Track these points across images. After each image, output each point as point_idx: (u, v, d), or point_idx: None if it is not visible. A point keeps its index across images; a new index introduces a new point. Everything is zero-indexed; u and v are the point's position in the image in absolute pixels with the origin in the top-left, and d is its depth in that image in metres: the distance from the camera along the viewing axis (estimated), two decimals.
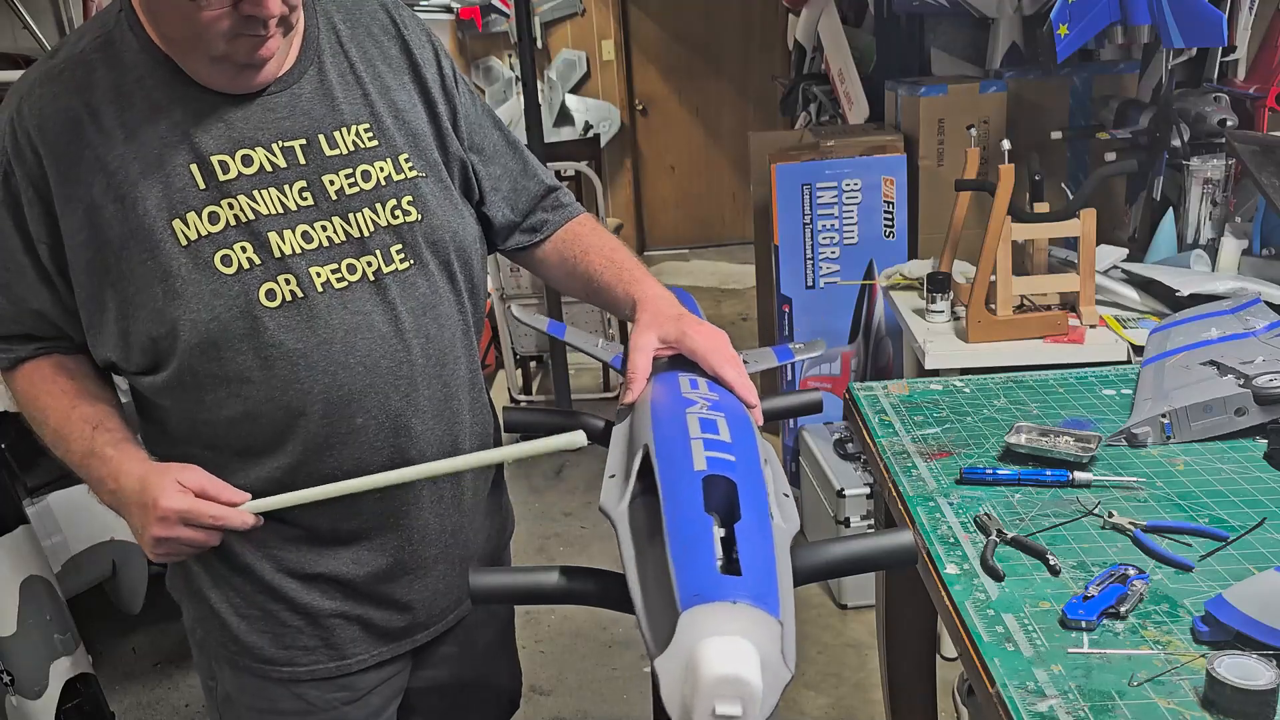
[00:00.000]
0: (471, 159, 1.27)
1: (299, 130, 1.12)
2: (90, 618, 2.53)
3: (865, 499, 2.79)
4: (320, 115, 1.14)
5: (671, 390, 1.05)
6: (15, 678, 2.14)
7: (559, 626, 2.89)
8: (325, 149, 1.13)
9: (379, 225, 1.14)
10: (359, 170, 1.14)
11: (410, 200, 1.16)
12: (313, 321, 1.10)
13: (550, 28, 6.92)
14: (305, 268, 1.10)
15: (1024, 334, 2.21)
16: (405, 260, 1.16)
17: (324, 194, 1.12)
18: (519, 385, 4.43)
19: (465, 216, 1.24)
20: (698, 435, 0.93)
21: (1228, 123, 2.31)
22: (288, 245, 1.09)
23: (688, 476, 0.86)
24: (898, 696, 1.86)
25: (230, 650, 1.25)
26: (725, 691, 0.69)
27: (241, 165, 1.09)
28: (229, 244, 1.07)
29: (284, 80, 1.12)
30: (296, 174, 1.11)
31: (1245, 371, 1.42)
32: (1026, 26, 3.17)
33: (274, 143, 1.11)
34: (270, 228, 1.09)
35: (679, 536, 0.80)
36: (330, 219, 1.12)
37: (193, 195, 1.07)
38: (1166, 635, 1.01)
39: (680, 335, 1.12)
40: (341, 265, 1.12)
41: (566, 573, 0.93)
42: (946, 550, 1.19)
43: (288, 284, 1.09)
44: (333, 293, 1.11)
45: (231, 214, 1.08)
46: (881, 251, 3.20)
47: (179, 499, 1.06)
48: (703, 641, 0.71)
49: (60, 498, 2.49)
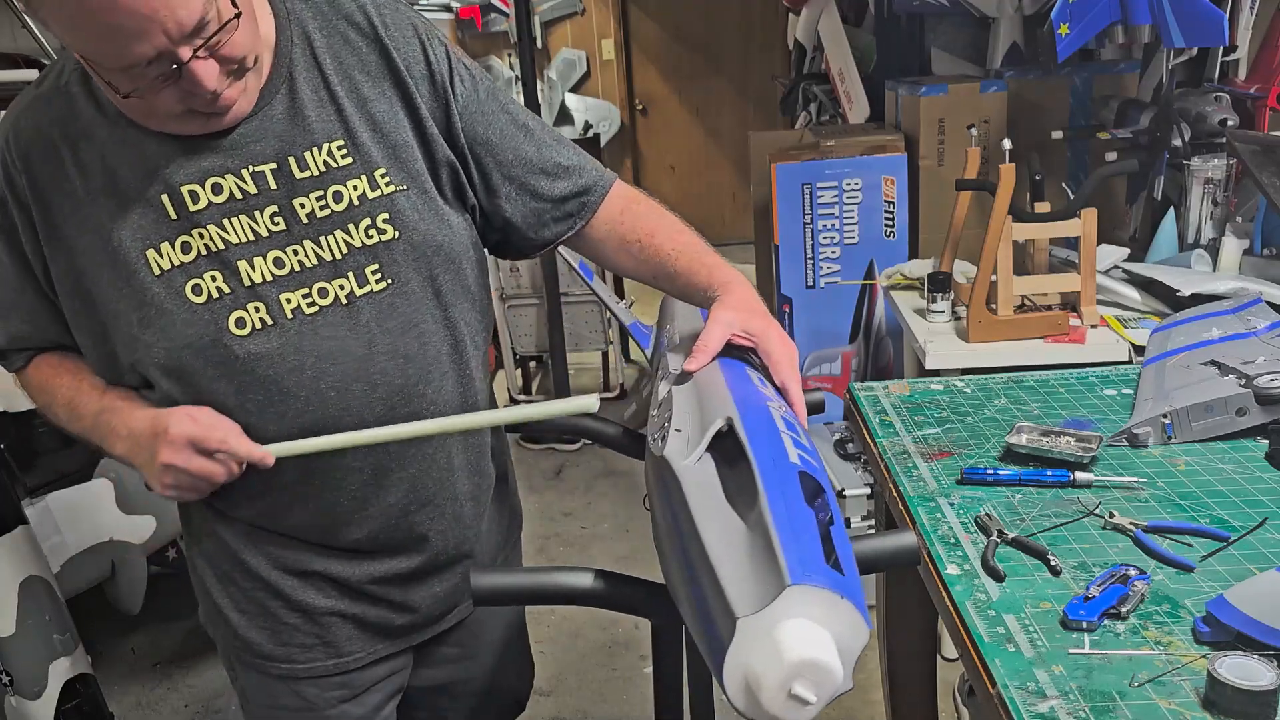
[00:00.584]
0: (476, 152, 1.22)
1: (269, 154, 1.10)
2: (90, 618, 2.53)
3: (866, 499, 2.78)
4: (291, 137, 1.11)
5: (743, 378, 1.06)
6: (14, 678, 2.14)
7: (559, 626, 2.89)
8: (296, 171, 1.11)
9: (352, 246, 1.12)
10: (330, 191, 1.12)
11: (386, 218, 1.13)
12: (283, 349, 1.10)
13: (550, 27, 6.92)
14: (276, 295, 1.09)
15: (1025, 334, 2.21)
16: (381, 280, 1.13)
17: (295, 218, 1.10)
18: (519, 385, 4.43)
19: (453, 225, 1.20)
20: (785, 431, 0.93)
21: (1228, 122, 2.31)
22: (258, 273, 1.09)
23: (784, 465, 0.86)
24: (898, 696, 1.86)
25: (235, 646, 1.26)
26: (810, 675, 0.69)
27: (211, 194, 1.08)
28: (199, 273, 1.08)
29: (250, 115, 1.10)
30: (267, 199, 1.10)
31: (1246, 371, 1.42)
32: (1027, 26, 3.17)
33: (244, 168, 1.09)
34: (240, 255, 1.09)
35: (786, 516, 0.79)
36: (301, 243, 1.11)
37: (165, 226, 1.08)
38: (1167, 636, 1.01)
39: (763, 333, 1.12)
40: (313, 290, 1.11)
41: (567, 573, 0.93)
42: (947, 550, 1.18)
43: (257, 312, 1.09)
44: (303, 319, 1.10)
45: (202, 243, 1.08)
46: (882, 251, 3.20)
47: (189, 425, 1.06)
48: (807, 620, 0.71)
49: (60, 498, 2.49)
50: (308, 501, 1.17)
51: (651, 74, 7.19)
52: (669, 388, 1.09)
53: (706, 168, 7.37)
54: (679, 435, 0.95)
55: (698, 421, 0.96)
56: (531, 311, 4.16)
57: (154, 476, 1.09)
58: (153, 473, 1.09)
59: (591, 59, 7.02)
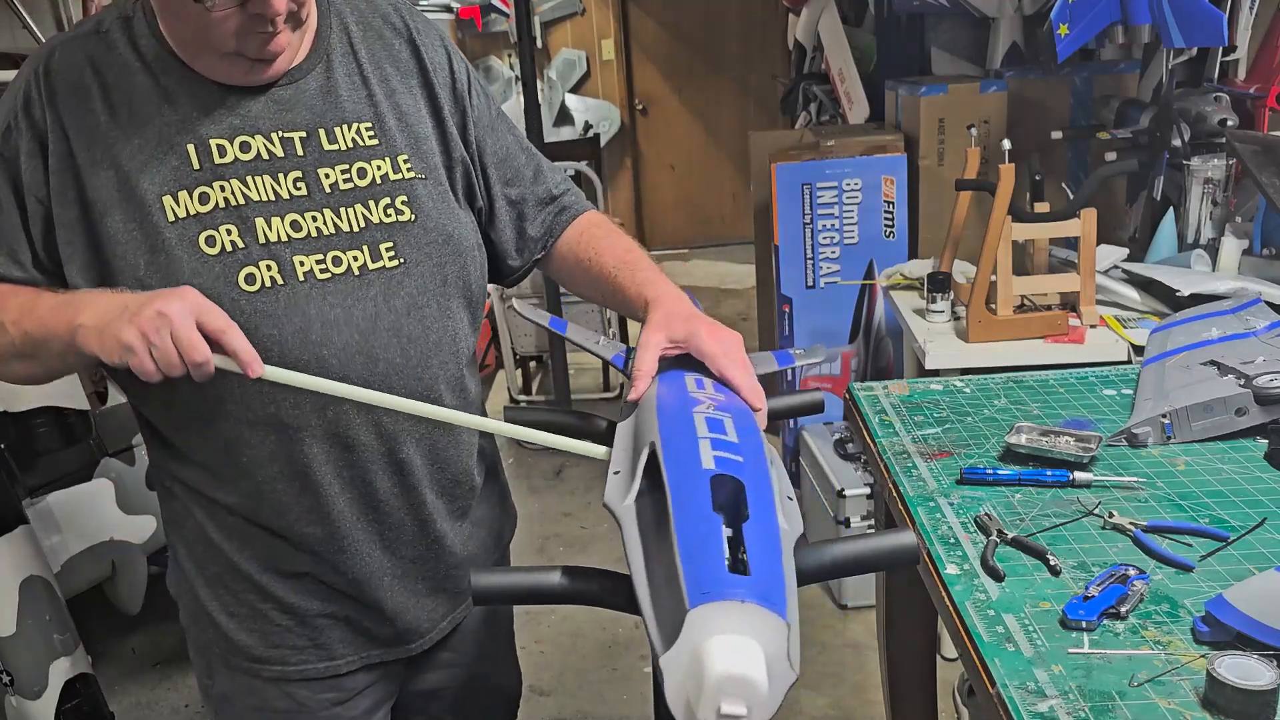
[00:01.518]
0: (483, 164, 1.28)
1: (300, 123, 1.14)
2: (90, 618, 2.53)
3: (865, 499, 2.78)
4: (323, 110, 1.15)
5: (678, 389, 1.05)
6: (15, 678, 2.14)
7: (559, 626, 2.89)
8: (324, 143, 1.14)
9: (370, 222, 1.15)
10: (355, 167, 1.15)
11: (405, 200, 1.17)
12: (290, 309, 1.10)
13: (550, 27, 6.92)
14: (289, 256, 1.10)
15: (1024, 334, 2.21)
16: (395, 259, 1.16)
17: (318, 186, 1.13)
18: (519, 385, 4.43)
19: (463, 221, 1.23)
20: (705, 434, 0.92)
21: (1228, 122, 2.31)
22: (274, 232, 1.10)
23: (696, 474, 0.86)
24: (898, 696, 1.86)
25: (223, 649, 1.25)
26: (731, 690, 0.69)
27: (239, 151, 1.11)
28: (215, 225, 1.08)
29: (292, 74, 1.14)
30: (293, 164, 1.13)
31: (1246, 371, 1.42)
32: (1027, 26, 3.17)
33: (274, 132, 1.12)
34: (259, 213, 1.10)
35: (687, 534, 0.80)
36: (321, 210, 1.13)
37: (186, 175, 1.09)
38: (1167, 635, 1.01)
39: (690, 335, 1.11)
40: (327, 257, 1.12)
41: (567, 573, 0.93)
42: (947, 550, 1.19)
43: (268, 269, 1.09)
44: (314, 283, 1.11)
45: (222, 196, 1.09)
46: (882, 251, 3.20)
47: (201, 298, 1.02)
48: (710, 639, 0.71)
49: (60, 498, 2.49)
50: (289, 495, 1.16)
51: (651, 74, 7.19)
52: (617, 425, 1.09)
53: (706, 168, 7.37)
54: (616, 478, 0.95)
55: (632, 457, 0.97)
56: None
57: (130, 324, 0.99)
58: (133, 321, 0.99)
59: (591, 59, 7.02)
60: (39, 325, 1.07)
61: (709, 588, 0.74)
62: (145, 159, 1.08)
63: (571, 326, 1.49)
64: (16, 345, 1.09)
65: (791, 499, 0.93)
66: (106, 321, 1.01)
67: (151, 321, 0.99)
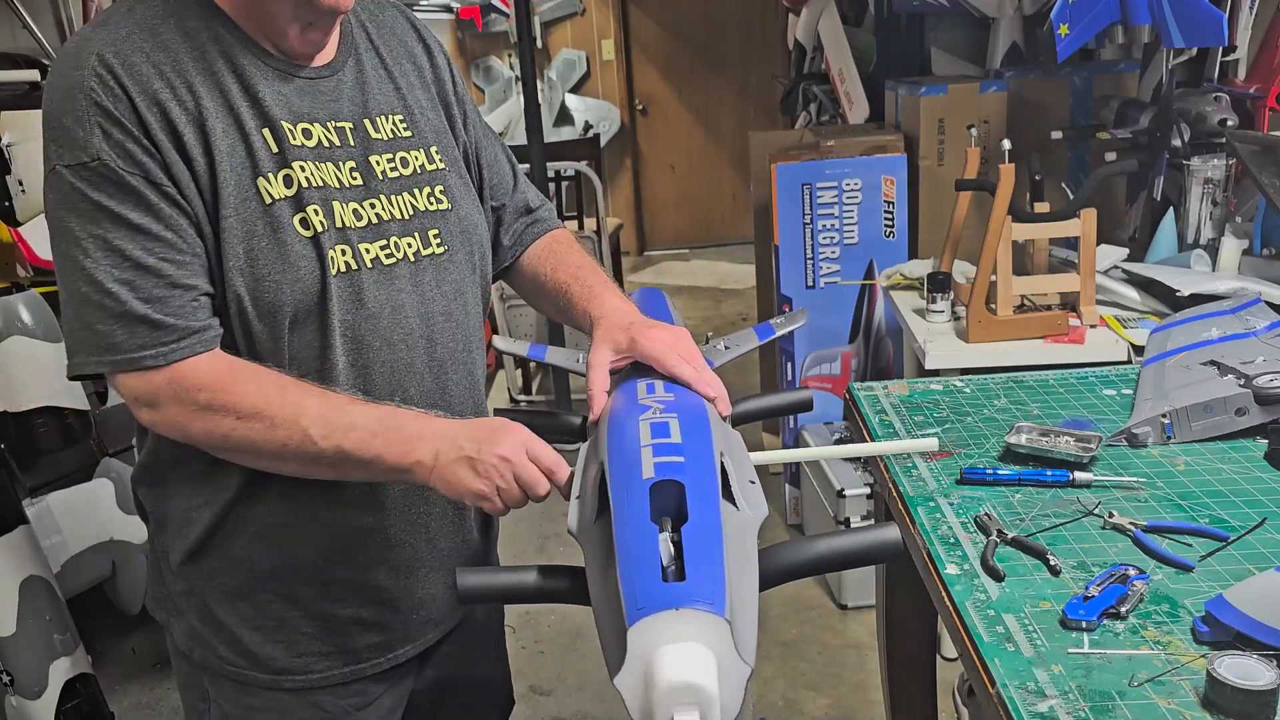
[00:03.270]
0: (478, 166, 1.33)
1: (345, 114, 1.15)
2: (90, 618, 2.53)
3: (865, 499, 2.79)
4: (361, 101, 1.17)
5: (629, 400, 1.05)
6: (15, 678, 2.15)
7: (559, 626, 2.89)
8: (370, 132, 1.17)
9: (417, 209, 1.18)
10: (398, 156, 1.18)
11: (442, 190, 1.21)
12: (362, 295, 1.11)
13: (550, 27, 6.93)
14: (356, 242, 1.11)
15: (1024, 334, 2.21)
16: (441, 245, 1.19)
17: (371, 174, 1.15)
18: (519, 385, 4.43)
19: (482, 213, 1.29)
20: (648, 442, 0.92)
21: (1228, 122, 2.31)
22: (343, 217, 1.11)
23: (635, 487, 0.86)
24: (898, 696, 1.86)
25: (238, 666, 1.21)
26: (680, 699, 0.70)
27: (303, 138, 1.11)
28: (303, 206, 1.08)
29: (329, 67, 1.16)
30: (346, 154, 1.14)
31: (1246, 371, 1.42)
32: (1027, 26, 3.17)
33: (328, 121, 1.13)
34: (334, 197, 1.11)
35: (625, 550, 0.80)
36: (377, 197, 1.15)
37: (267, 158, 1.07)
38: (1167, 635, 1.01)
39: (630, 343, 1.12)
40: (389, 242, 1.14)
41: (552, 571, 0.93)
42: (947, 550, 1.19)
43: (344, 254, 1.10)
44: (381, 269, 1.13)
45: (302, 177, 1.09)
46: (881, 251, 3.20)
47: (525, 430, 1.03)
48: (652, 653, 0.72)
49: (60, 498, 2.49)
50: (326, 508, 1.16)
51: (651, 74, 7.19)
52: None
53: (706, 168, 7.37)
54: (577, 503, 0.95)
55: (586, 482, 0.97)
56: (531, 312, 4.16)
57: (477, 474, 1.01)
58: (477, 470, 1.01)
59: (591, 59, 7.02)
60: (362, 446, 1.03)
61: (644, 601, 0.75)
62: (230, 143, 1.05)
63: (550, 350, 1.50)
64: (323, 456, 1.04)
65: (754, 483, 0.94)
66: (447, 464, 1.01)
67: (497, 469, 1.00)
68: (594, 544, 0.89)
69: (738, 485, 0.91)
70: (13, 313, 2.33)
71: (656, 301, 1.42)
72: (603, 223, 4.03)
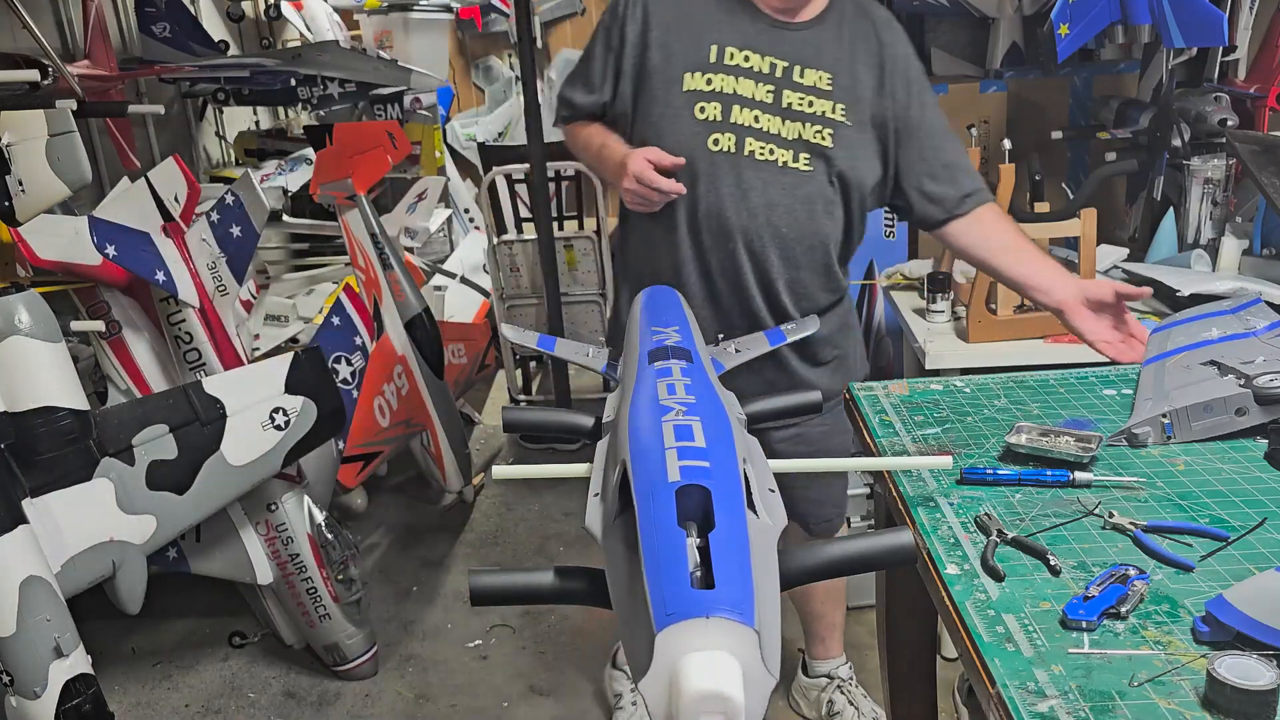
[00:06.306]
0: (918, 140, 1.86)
1: (787, 56, 1.79)
2: (90, 618, 2.52)
3: (865, 499, 2.78)
4: (806, 55, 1.79)
5: (650, 398, 1.05)
6: (15, 678, 2.14)
7: (559, 626, 2.88)
8: (795, 75, 1.79)
9: (802, 137, 1.80)
10: (808, 100, 1.79)
11: (830, 133, 1.80)
12: (736, 172, 1.80)
13: (550, 27, 6.91)
14: (743, 137, 1.79)
15: (1024, 334, 2.21)
16: (808, 165, 1.80)
17: (779, 100, 1.79)
18: (519, 385, 4.42)
19: (866, 163, 1.84)
20: (672, 445, 0.92)
21: (1228, 122, 2.31)
22: (741, 118, 1.78)
23: (661, 490, 0.86)
24: (898, 696, 1.86)
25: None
26: (708, 708, 0.69)
27: (742, 60, 1.78)
28: (706, 99, 1.79)
29: (802, 25, 1.81)
30: (770, 80, 1.78)
31: (1246, 371, 1.42)
32: (1027, 26, 3.17)
33: (769, 55, 1.78)
34: (737, 102, 1.78)
35: (653, 553, 0.80)
36: (775, 116, 1.79)
37: (703, 63, 1.79)
38: (1167, 635, 1.01)
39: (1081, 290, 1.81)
40: (768, 146, 1.79)
41: (569, 573, 0.93)
42: (947, 550, 1.19)
43: (729, 139, 1.79)
44: (753, 161, 1.80)
45: (720, 81, 1.78)
46: (881, 251, 3.19)
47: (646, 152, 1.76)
48: (680, 660, 0.71)
49: (60, 498, 2.48)
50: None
51: None
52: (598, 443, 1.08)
53: None
54: (595, 501, 0.95)
55: (608, 477, 0.97)
56: (531, 311, 4.15)
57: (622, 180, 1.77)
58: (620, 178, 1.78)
59: None
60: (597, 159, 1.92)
61: (674, 607, 0.74)
62: (682, 45, 1.80)
63: (560, 343, 1.50)
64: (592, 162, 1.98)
65: (773, 491, 0.93)
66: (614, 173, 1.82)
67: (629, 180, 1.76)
68: (616, 544, 0.88)
69: (758, 493, 0.90)
70: (12, 313, 2.32)
71: (668, 300, 1.41)
72: (603, 223, 4.02)
